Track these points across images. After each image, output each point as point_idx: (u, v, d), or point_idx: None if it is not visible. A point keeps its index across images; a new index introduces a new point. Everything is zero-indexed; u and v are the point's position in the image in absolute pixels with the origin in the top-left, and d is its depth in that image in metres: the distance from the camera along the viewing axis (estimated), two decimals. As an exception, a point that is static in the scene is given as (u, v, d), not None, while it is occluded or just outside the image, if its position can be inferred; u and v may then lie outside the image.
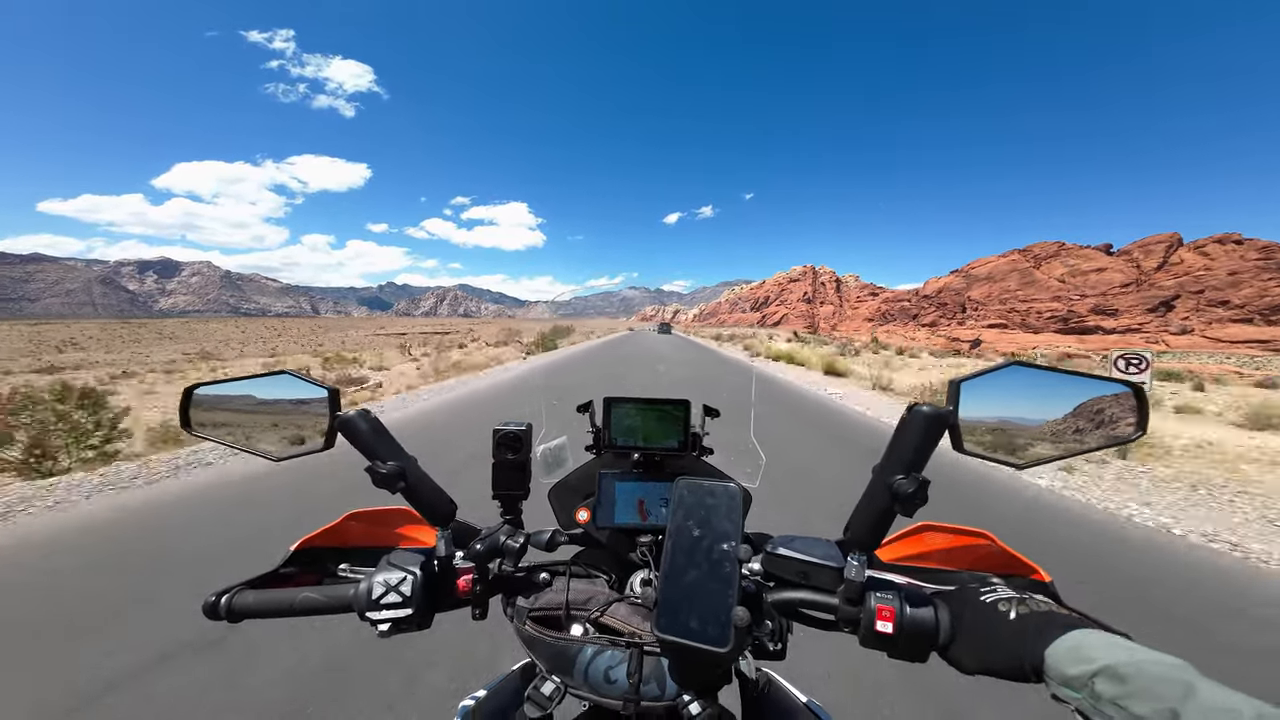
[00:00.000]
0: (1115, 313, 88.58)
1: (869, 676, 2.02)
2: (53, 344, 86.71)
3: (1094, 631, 0.43)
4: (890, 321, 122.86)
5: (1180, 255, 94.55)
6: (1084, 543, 3.52)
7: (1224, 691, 0.35)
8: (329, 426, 0.64)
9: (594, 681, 0.60)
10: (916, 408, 0.54)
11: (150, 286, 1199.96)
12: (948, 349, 61.33)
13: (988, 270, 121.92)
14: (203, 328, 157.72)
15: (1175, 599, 2.77)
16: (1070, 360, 17.96)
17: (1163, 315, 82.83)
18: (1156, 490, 4.71)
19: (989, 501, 4.26)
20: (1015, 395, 0.56)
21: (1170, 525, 3.85)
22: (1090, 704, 0.39)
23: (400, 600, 0.61)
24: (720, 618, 0.49)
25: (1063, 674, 0.41)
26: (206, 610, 0.62)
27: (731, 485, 0.58)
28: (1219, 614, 2.64)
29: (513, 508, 0.77)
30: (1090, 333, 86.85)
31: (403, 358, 25.02)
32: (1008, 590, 0.52)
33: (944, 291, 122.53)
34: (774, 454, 5.50)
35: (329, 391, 0.66)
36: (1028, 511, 4.12)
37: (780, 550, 0.63)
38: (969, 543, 0.65)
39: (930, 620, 0.53)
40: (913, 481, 0.52)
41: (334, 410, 0.65)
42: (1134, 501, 4.37)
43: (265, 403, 0.71)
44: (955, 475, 4.61)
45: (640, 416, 0.92)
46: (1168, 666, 0.37)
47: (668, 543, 0.55)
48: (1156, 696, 0.36)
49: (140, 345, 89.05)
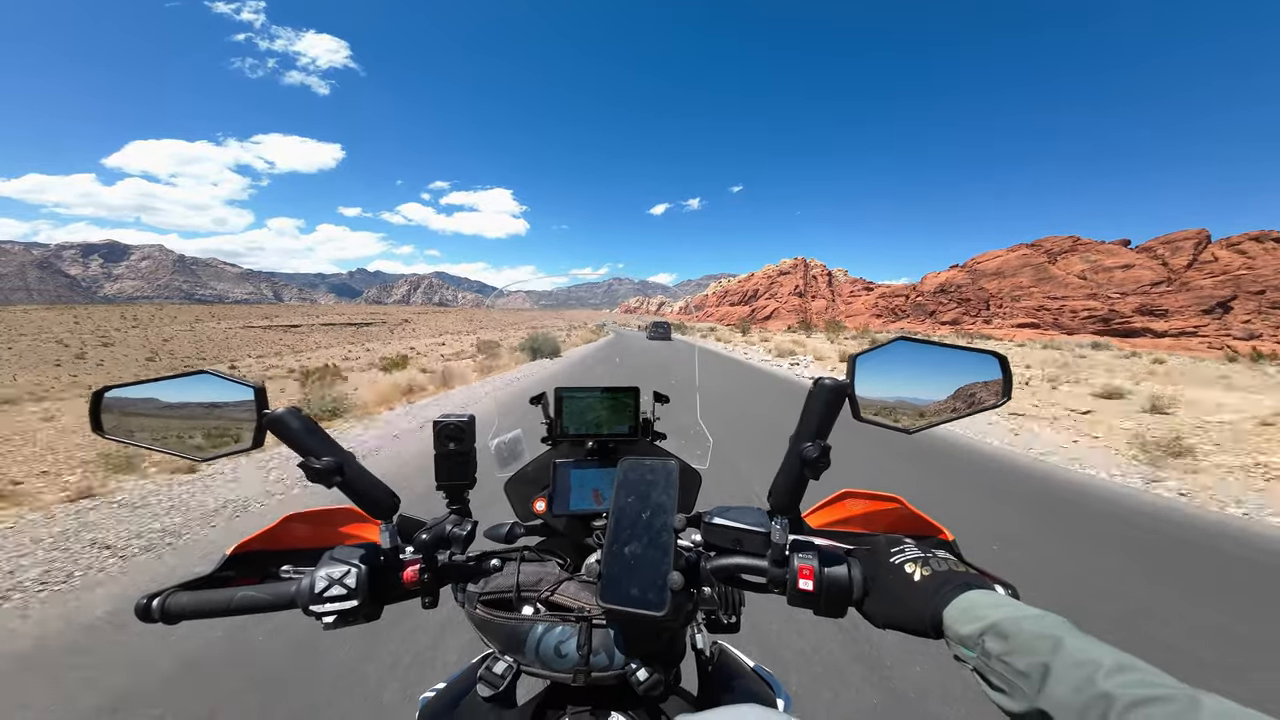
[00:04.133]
0: (1165, 313, 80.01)
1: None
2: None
3: (983, 591, 0.47)
4: (903, 318, 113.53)
5: (1213, 253, 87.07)
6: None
7: (1090, 642, 0.38)
8: (256, 425, 0.63)
9: (545, 657, 0.62)
10: (820, 381, 0.59)
11: (95, 271, 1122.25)
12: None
13: (996, 265, 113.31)
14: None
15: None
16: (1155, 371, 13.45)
17: (1219, 317, 74.56)
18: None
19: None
20: (905, 367, 0.62)
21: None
22: (983, 662, 0.41)
23: (344, 593, 0.60)
24: (657, 583, 0.53)
25: (958, 633, 0.44)
26: (139, 612, 0.60)
27: (671, 462, 0.64)
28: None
29: (459, 497, 0.78)
30: (1136, 335, 78.34)
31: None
32: (915, 550, 0.55)
33: (961, 287, 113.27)
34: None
35: (254, 389, 0.64)
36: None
37: (716, 520, 0.68)
38: (883, 507, 0.73)
39: (844, 578, 0.56)
40: (817, 448, 0.57)
41: (261, 408, 0.63)
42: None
43: (184, 404, 0.68)
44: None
45: (592, 405, 0.94)
46: (1042, 622, 0.40)
47: (611, 520, 0.60)
48: (1032, 651, 0.38)
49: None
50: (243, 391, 0.65)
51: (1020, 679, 0.38)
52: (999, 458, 6.29)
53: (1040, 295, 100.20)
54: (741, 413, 8.93)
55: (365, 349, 38.95)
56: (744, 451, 5.82)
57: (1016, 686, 0.38)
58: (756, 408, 9.69)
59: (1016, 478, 5.46)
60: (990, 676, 0.41)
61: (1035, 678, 0.37)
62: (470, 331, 48.77)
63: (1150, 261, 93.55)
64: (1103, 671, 0.34)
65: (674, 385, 9.76)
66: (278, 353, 40.92)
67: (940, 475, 5.47)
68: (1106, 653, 0.36)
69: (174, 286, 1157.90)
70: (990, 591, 0.48)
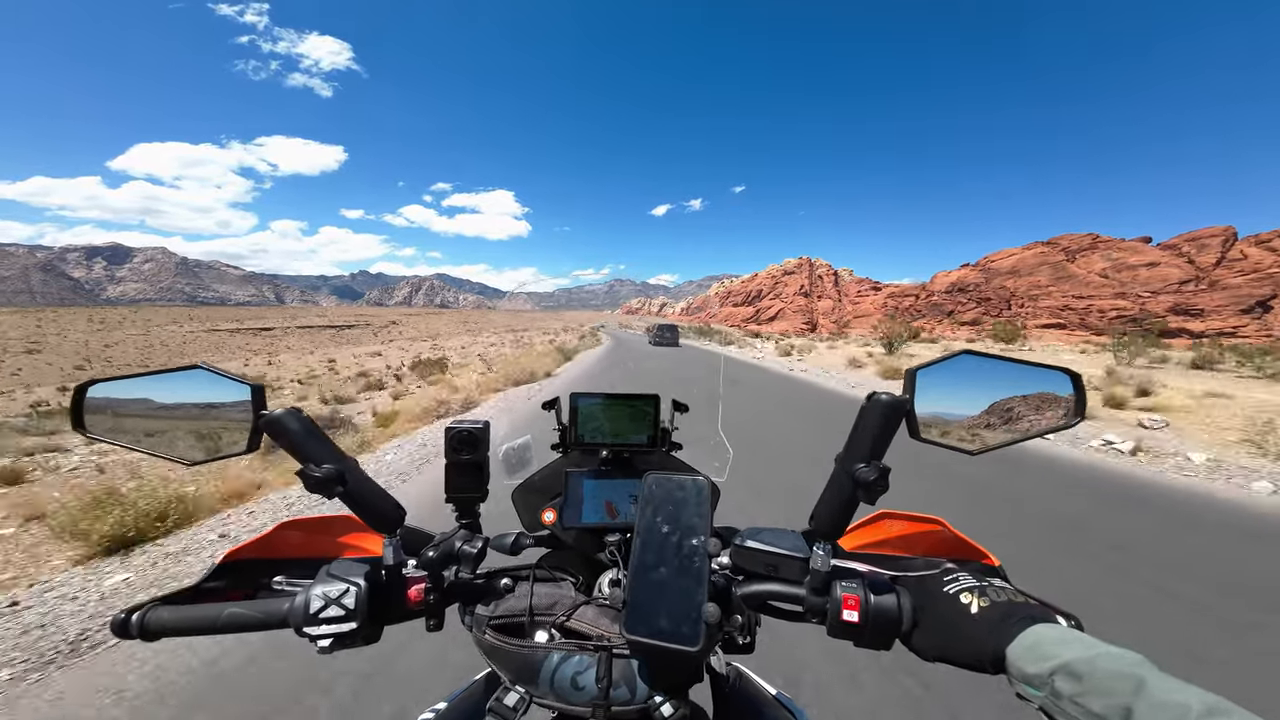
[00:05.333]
0: (1201, 313, 75.71)
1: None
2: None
3: (1050, 626, 0.44)
4: (919, 318, 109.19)
5: (1242, 250, 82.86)
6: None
7: (1175, 684, 0.35)
8: (253, 427, 0.59)
9: (560, 689, 0.58)
10: (875, 396, 0.54)
11: (98, 273, 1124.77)
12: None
13: (1011, 264, 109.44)
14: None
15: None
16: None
17: (1258, 316, 70.28)
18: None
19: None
20: (968, 383, 0.57)
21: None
22: (1052, 702, 0.39)
23: (342, 614, 0.56)
24: (691, 615, 0.49)
25: (1024, 672, 0.41)
26: (115, 628, 0.56)
27: (701, 479, 0.58)
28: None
29: (469, 511, 0.73)
30: (1172, 336, 74.11)
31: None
32: (970, 579, 0.52)
33: (977, 286, 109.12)
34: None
35: (252, 389, 0.60)
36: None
37: (749, 543, 0.62)
38: (924, 529, 0.67)
39: (894, 608, 0.53)
40: (874, 469, 0.52)
41: (258, 409, 0.59)
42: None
43: (177, 403, 0.63)
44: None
45: (608, 412, 0.89)
46: (1121, 661, 0.38)
47: (636, 540, 0.55)
48: (1110, 692, 0.35)
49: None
50: (239, 390, 0.60)
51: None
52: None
53: (1059, 294, 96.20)
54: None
55: (328, 362, 34.77)
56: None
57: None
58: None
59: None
60: (1060, 719, 0.38)
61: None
62: (462, 333, 44.71)
63: (1177, 259, 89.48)
64: (1193, 715, 0.32)
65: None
66: (245, 361, 37.07)
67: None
68: (1195, 696, 0.33)
69: (176, 289, 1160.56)
70: (1057, 625, 0.45)
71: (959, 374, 0.56)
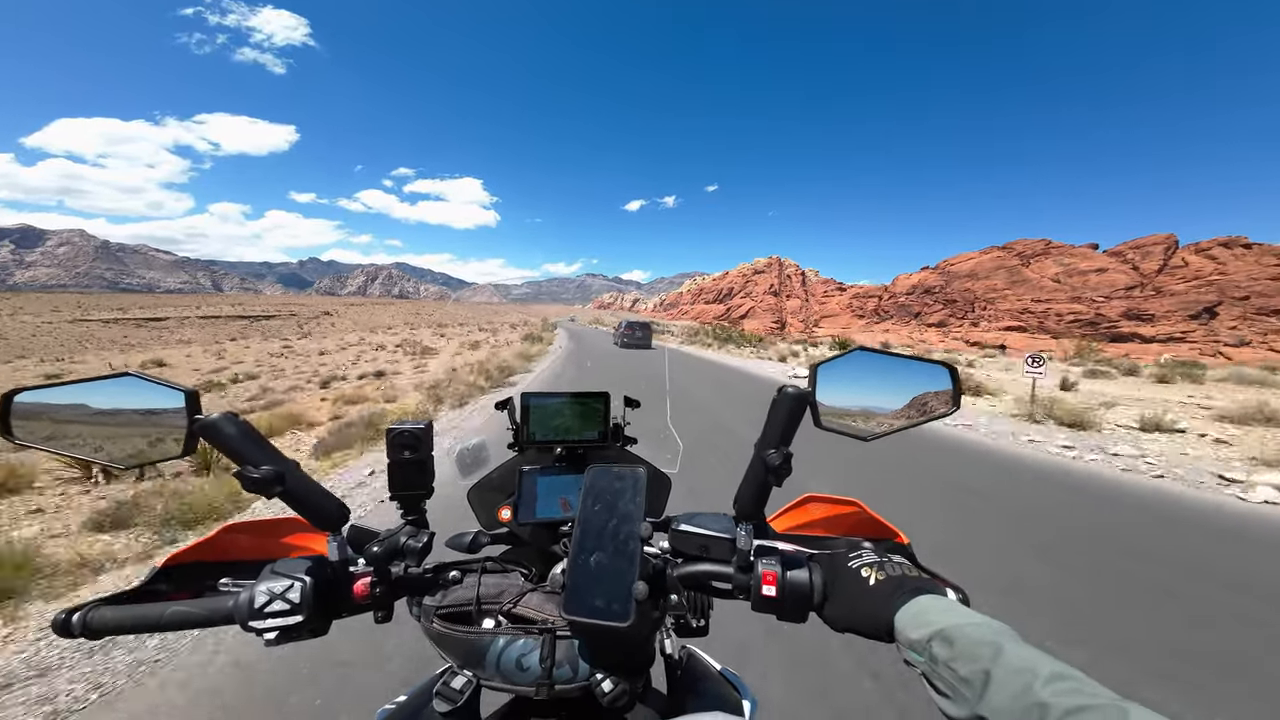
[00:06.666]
0: (1151, 318, 78.38)
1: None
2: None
3: (935, 597, 0.47)
4: (886, 319, 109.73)
5: (1183, 258, 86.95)
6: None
7: (1029, 651, 0.38)
8: (188, 431, 0.60)
9: (506, 671, 0.61)
10: (784, 389, 0.59)
11: (4, 257, 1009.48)
12: (980, 356, 45.19)
13: (969, 268, 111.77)
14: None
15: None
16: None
17: (1205, 323, 73.20)
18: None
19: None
20: (863, 376, 0.63)
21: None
22: (930, 667, 0.42)
23: (288, 608, 0.58)
24: (622, 594, 0.52)
25: (908, 639, 0.44)
26: (56, 627, 0.57)
27: (639, 469, 0.62)
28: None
29: (414, 507, 0.75)
30: (1125, 340, 76.52)
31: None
32: (872, 554, 0.56)
33: (939, 289, 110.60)
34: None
35: (186, 394, 0.60)
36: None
37: (682, 527, 0.67)
38: (843, 510, 0.73)
39: (805, 583, 0.57)
40: (780, 455, 0.58)
41: (193, 414, 0.60)
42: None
43: (106, 410, 0.64)
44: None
45: (560, 411, 0.92)
46: (986, 630, 0.41)
47: (576, 529, 0.58)
48: (975, 658, 0.39)
49: None
50: (173, 396, 0.61)
51: (963, 685, 0.39)
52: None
53: (1015, 298, 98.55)
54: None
55: (219, 359, 28.30)
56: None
57: (960, 693, 0.39)
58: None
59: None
60: (936, 682, 0.41)
61: (977, 685, 0.38)
62: (406, 327, 38.59)
63: (1122, 266, 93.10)
64: (1039, 680, 0.35)
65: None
66: (98, 358, 29.76)
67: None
68: (1044, 661, 0.37)
69: (95, 275, 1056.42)
70: (940, 596, 0.48)
71: (856, 368, 0.63)
